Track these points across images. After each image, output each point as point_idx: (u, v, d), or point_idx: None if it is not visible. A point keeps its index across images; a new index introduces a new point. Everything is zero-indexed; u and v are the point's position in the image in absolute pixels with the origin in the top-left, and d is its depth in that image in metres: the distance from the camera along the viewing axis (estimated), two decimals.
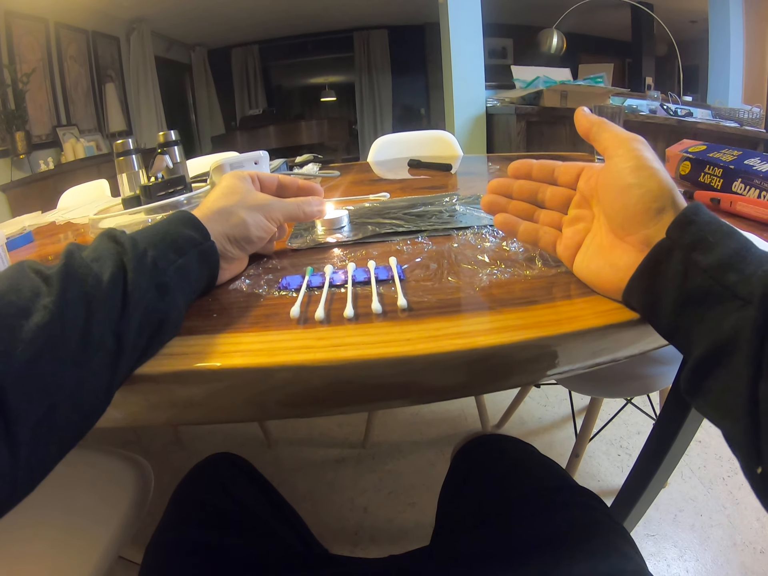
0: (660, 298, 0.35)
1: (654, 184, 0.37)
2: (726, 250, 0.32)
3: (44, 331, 0.28)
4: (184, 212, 0.46)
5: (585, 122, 0.45)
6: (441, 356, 0.34)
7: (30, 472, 0.27)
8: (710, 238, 0.33)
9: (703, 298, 0.32)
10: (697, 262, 0.33)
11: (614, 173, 0.40)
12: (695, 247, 0.33)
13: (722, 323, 0.30)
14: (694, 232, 0.34)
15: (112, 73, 4.99)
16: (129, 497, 0.76)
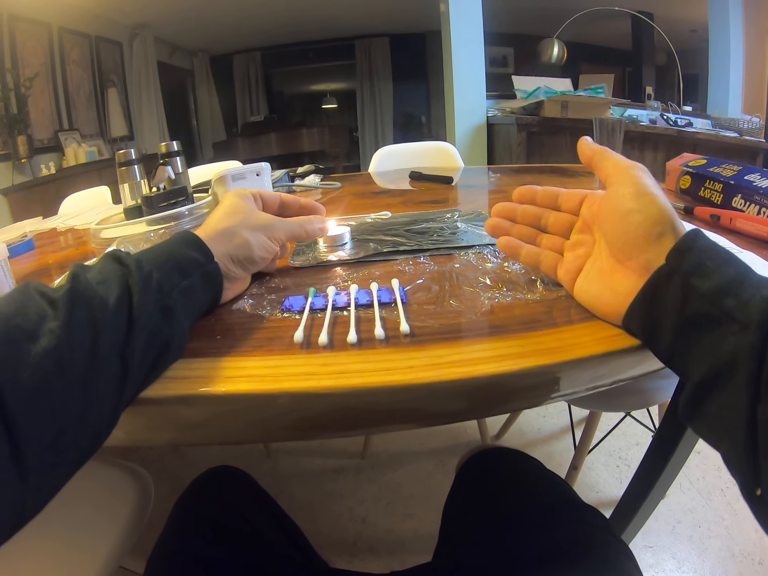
0: (659, 323, 0.35)
1: (654, 210, 0.38)
2: (724, 276, 0.32)
3: (51, 356, 0.28)
4: (188, 233, 0.46)
5: (587, 151, 0.46)
6: (443, 384, 0.34)
7: (38, 494, 0.28)
8: (709, 264, 0.34)
9: (702, 323, 0.33)
10: (696, 287, 0.33)
11: (615, 199, 0.41)
12: (694, 272, 0.34)
13: (720, 347, 0.31)
14: (693, 258, 0.34)
15: (114, 78, 5.01)
16: (129, 508, 0.76)
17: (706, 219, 0.69)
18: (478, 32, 3.21)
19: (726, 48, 3.92)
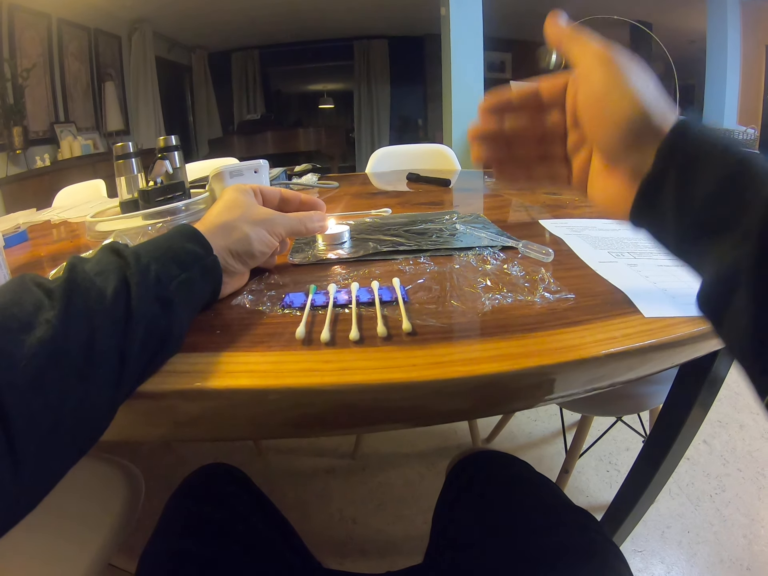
0: (662, 229, 0.34)
1: (626, 110, 0.33)
2: (722, 173, 0.29)
3: (47, 347, 0.28)
4: (187, 226, 0.46)
5: (554, 32, 0.39)
6: (445, 383, 0.35)
7: (32, 489, 0.27)
8: (702, 162, 0.30)
9: (702, 233, 0.30)
10: (689, 195, 0.31)
11: (585, 99, 0.36)
12: (687, 173, 0.31)
13: (722, 258, 0.29)
14: (684, 158, 0.31)
15: (112, 72, 4.98)
16: (120, 503, 0.75)
17: None
18: (477, 36, 3.22)
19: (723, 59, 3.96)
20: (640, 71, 0.34)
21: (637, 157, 0.33)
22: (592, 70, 0.35)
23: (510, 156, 0.43)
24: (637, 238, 0.65)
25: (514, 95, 0.41)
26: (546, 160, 0.43)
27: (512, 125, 0.42)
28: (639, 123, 0.33)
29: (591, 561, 0.53)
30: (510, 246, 0.62)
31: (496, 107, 0.41)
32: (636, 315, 0.43)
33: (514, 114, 0.42)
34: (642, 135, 0.33)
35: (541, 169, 0.44)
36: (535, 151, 0.43)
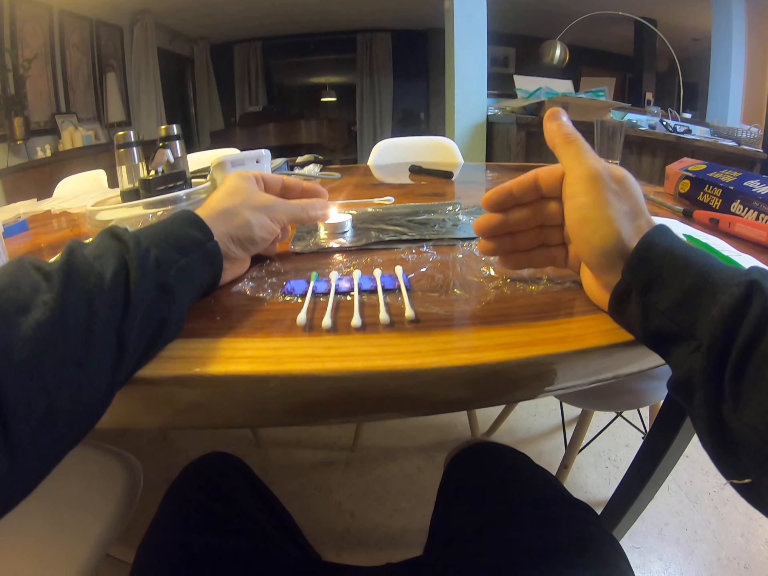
0: (633, 330, 0.37)
1: (603, 237, 0.37)
2: (681, 288, 0.32)
3: (44, 329, 0.27)
4: (188, 212, 0.46)
5: (552, 130, 0.42)
6: (449, 370, 0.34)
7: (28, 475, 0.27)
8: (664, 275, 0.33)
9: (665, 338, 0.34)
10: (653, 303, 0.34)
11: (570, 216, 0.40)
12: (650, 288, 0.34)
13: (681, 364, 0.32)
14: (648, 271, 0.34)
15: (113, 63, 4.96)
16: (118, 493, 0.75)
17: (705, 222, 0.69)
18: (481, 31, 3.21)
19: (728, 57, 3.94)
20: (623, 192, 0.38)
21: (610, 273, 0.38)
22: (579, 190, 0.39)
23: (513, 245, 0.46)
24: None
25: (514, 188, 0.43)
26: (545, 246, 0.46)
27: (515, 218, 0.44)
28: (613, 247, 0.37)
29: (589, 554, 0.53)
30: None
31: (498, 201, 0.44)
32: None
33: (515, 206, 0.44)
34: (615, 255, 0.37)
35: (541, 254, 0.47)
36: (536, 240, 0.46)
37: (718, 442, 0.29)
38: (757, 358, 0.27)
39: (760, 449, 0.27)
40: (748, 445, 0.27)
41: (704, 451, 0.31)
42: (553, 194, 0.43)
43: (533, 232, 0.45)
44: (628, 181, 0.38)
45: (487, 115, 3.34)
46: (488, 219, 0.44)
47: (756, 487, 0.28)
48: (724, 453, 0.29)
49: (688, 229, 0.65)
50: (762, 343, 0.27)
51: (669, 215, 0.75)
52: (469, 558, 0.56)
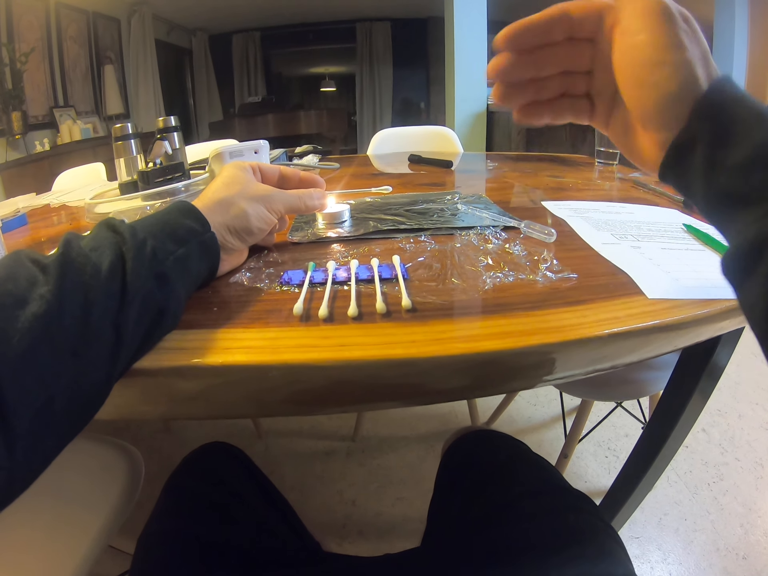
0: (689, 191, 0.33)
1: (671, 81, 0.31)
2: (756, 143, 0.28)
3: (41, 321, 0.27)
4: (184, 202, 0.46)
5: None
6: (446, 359, 0.34)
7: (27, 466, 0.27)
8: (738, 127, 0.29)
9: (731, 200, 0.30)
10: (722, 158, 0.29)
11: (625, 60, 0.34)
12: (721, 140, 0.30)
13: (748, 228, 0.28)
14: (720, 120, 0.30)
15: (111, 55, 4.94)
16: (120, 485, 0.76)
17: None
18: (481, 19, 3.18)
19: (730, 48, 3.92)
20: (692, 33, 0.32)
21: (672, 119, 0.32)
22: (644, 26, 0.32)
23: (532, 93, 0.39)
24: (641, 221, 0.64)
25: (537, 20, 0.36)
26: (567, 95, 0.40)
27: (535, 59, 0.37)
28: (681, 90, 0.31)
29: (588, 545, 0.53)
30: (512, 226, 0.61)
31: (517, 36, 0.36)
32: (639, 296, 0.42)
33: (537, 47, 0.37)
34: (681, 99, 0.31)
35: (563, 104, 0.40)
36: (558, 88, 0.39)
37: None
38: None
39: None
40: None
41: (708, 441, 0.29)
42: (583, 32, 0.37)
43: (556, 78, 0.39)
44: (694, 22, 0.33)
45: (487, 104, 3.32)
46: (504, 58, 0.37)
47: None
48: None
49: (688, 219, 0.65)
50: None
51: (669, 205, 0.75)
52: (467, 548, 0.56)
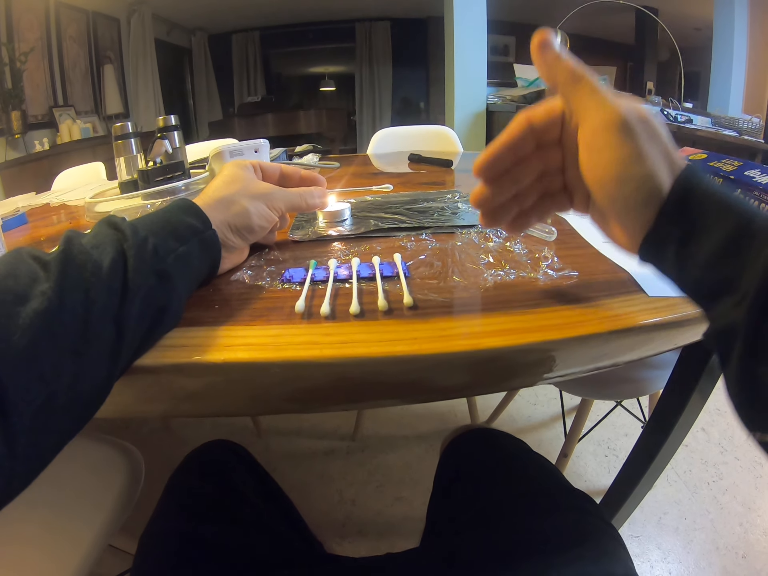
0: (668, 277, 0.34)
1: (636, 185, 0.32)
2: (722, 237, 0.29)
3: (42, 318, 0.27)
4: (185, 200, 0.46)
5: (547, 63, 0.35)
6: (447, 356, 0.34)
7: (27, 463, 0.27)
8: (703, 223, 0.30)
9: (704, 289, 0.31)
10: (692, 254, 0.30)
11: (592, 169, 0.34)
12: (689, 238, 0.30)
13: (720, 317, 0.29)
14: (686, 220, 0.31)
15: (111, 55, 4.93)
16: (120, 484, 0.76)
17: None
18: (481, 19, 3.18)
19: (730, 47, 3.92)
20: (653, 133, 0.32)
21: (640, 223, 0.33)
22: (606, 142, 0.32)
23: (516, 207, 0.40)
24: None
25: (506, 145, 0.37)
26: (547, 195, 0.41)
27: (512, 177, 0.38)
28: (646, 200, 0.32)
29: (589, 544, 0.53)
30: None
31: (491, 167, 0.38)
32: (639, 294, 0.42)
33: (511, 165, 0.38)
34: (647, 207, 0.32)
35: (544, 205, 0.41)
36: (537, 192, 0.40)
37: (746, 396, 0.28)
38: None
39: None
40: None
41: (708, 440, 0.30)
42: (550, 138, 0.38)
43: (534, 184, 0.39)
44: (654, 119, 0.33)
45: (487, 104, 3.32)
46: (485, 190, 0.38)
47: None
48: (752, 407, 0.28)
49: None
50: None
51: None
52: (467, 548, 0.56)
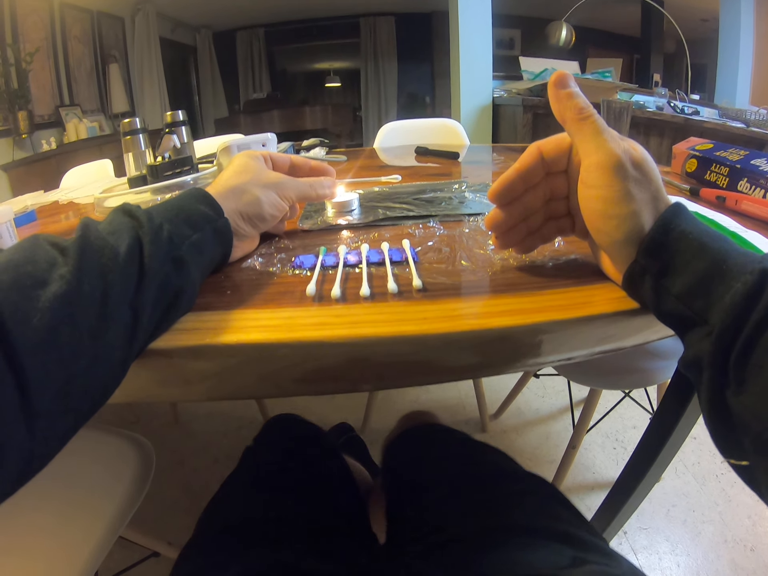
0: (647, 307, 0.37)
1: (623, 226, 0.36)
2: (695, 274, 0.32)
3: (61, 302, 0.28)
4: (198, 189, 0.46)
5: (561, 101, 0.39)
6: (456, 335, 0.35)
7: (46, 443, 0.27)
8: (679, 260, 0.33)
9: (678, 320, 0.34)
10: (667, 287, 0.34)
11: (586, 204, 0.38)
12: (665, 272, 0.34)
13: (691, 347, 0.32)
14: (663, 256, 0.34)
15: (116, 54, 4.95)
16: (131, 474, 0.77)
17: (712, 200, 0.69)
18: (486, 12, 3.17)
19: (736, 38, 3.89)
20: (643, 177, 0.36)
21: (623, 257, 0.37)
22: (599, 181, 0.36)
23: (526, 230, 0.44)
24: None
25: (521, 173, 0.41)
26: (552, 219, 0.45)
27: (524, 203, 0.42)
28: (635, 238, 0.35)
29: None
30: None
31: (506, 193, 0.42)
32: None
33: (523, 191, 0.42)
34: (628, 244, 0.36)
35: (550, 228, 0.45)
36: (544, 216, 0.44)
37: (719, 424, 0.30)
38: (762, 346, 0.27)
39: (760, 434, 0.27)
40: (747, 429, 0.28)
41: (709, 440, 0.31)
42: (558, 168, 0.42)
43: (541, 209, 0.44)
44: (648, 164, 0.36)
45: (492, 97, 3.31)
46: (499, 214, 0.43)
47: (752, 469, 0.29)
48: (725, 434, 0.30)
49: (695, 207, 0.65)
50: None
51: (676, 193, 0.75)
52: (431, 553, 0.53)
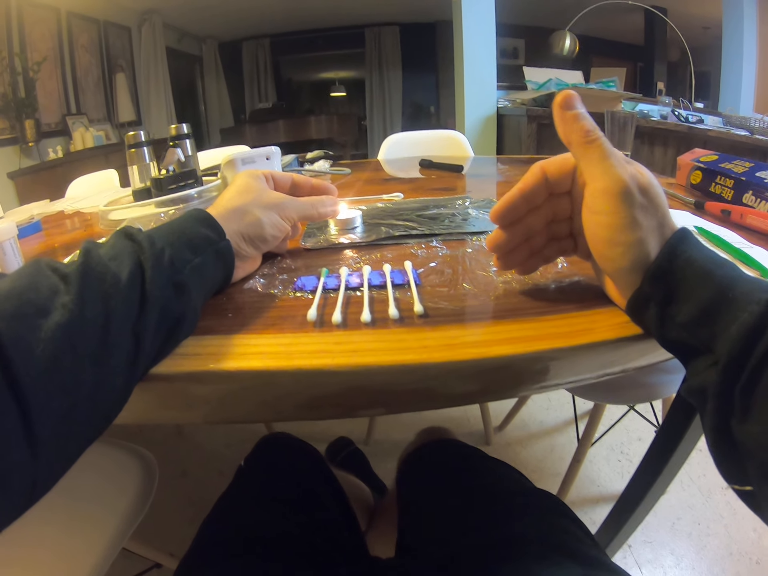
0: (651, 334, 0.36)
1: (627, 253, 0.35)
2: (700, 302, 0.32)
3: (63, 331, 0.28)
4: (200, 210, 0.46)
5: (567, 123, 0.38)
6: (457, 365, 0.34)
7: (49, 469, 0.27)
8: (684, 288, 0.33)
9: (682, 348, 0.34)
10: (672, 315, 0.33)
11: (590, 230, 0.38)
12: (670, 300, 0.33)
13: (696, 375, 0.32)
14: (668, 283, 0.34)
15: (122, 63, 4.99)
16: (135, 487, 0.77)
17: (717, 214, 0.69)
18: (490, 22, 3.18)
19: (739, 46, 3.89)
20: (650, 204, 0.35)
21: (627, 284, 0.36)
22: (604, 207, 0.35)
23: (528, 250, 0.43)
24: None
25: (524, 194, 0.40)
26: (554, 239, 0.44)
27: (527, 224, 0.42)
28: (632, 266, 0.35)
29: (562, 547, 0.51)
30: None
31: (508, 214, 0.41)
32: None
33: (526, 212, 0.41)
34: (633, 271, 0.35)
35: (552, 248, 0.44)
36: (547, 237, 0.44)
37: (723, 451, 0.30)
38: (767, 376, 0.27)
39: (764, 462, 0.27)
40: (751, 457, 0.28)
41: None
42: (561, 189, 0.41)
43: (544, 230, 0.43)
44: (654, 189, 0.35)
45: (497, 107, 3.32)
46: (501, 235, 0.42)
47: (756, 496, 0.29)
48: (728, 461, 0.30)
49: (699, 221, 0.65)
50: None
51: (680, 207, 0.75)
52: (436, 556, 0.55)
